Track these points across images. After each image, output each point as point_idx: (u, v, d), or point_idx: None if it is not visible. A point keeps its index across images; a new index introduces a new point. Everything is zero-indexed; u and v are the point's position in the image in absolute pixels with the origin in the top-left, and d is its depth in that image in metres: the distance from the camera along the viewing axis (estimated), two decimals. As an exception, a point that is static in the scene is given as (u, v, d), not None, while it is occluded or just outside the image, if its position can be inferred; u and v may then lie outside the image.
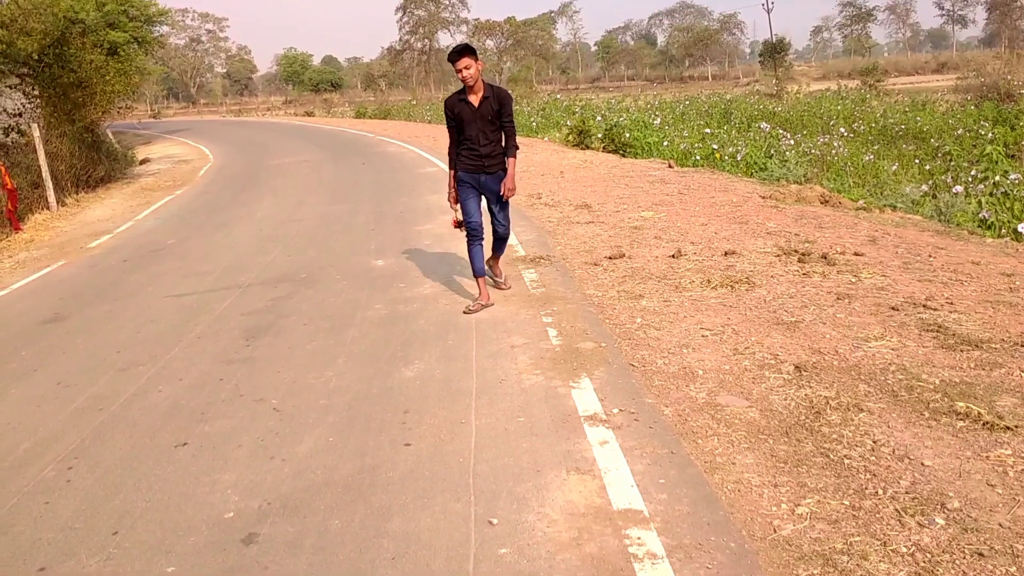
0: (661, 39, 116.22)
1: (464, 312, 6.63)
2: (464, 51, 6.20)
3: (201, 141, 33.58)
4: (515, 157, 6.53)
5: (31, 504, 4.09)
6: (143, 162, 26.04)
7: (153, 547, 3.59)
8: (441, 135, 25.03)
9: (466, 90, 6.32)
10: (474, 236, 6.61)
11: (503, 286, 7.21)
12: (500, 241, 7.04)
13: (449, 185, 6.70)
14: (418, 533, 3.50)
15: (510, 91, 10.13)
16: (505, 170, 6.51)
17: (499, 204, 6.66)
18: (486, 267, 6.95)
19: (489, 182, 6.54)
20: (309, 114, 57.64)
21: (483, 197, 6.66)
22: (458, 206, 6.64)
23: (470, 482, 3.86)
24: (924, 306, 5.91)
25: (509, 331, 6.09)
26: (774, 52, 64.74)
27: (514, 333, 6.04)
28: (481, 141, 6.40)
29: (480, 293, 6.79)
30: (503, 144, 6.54)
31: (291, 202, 14.29)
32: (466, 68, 6.15)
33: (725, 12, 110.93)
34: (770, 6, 61.01)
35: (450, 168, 6.67)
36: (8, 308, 8.61)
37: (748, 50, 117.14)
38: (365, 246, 9.79)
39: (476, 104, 6.31)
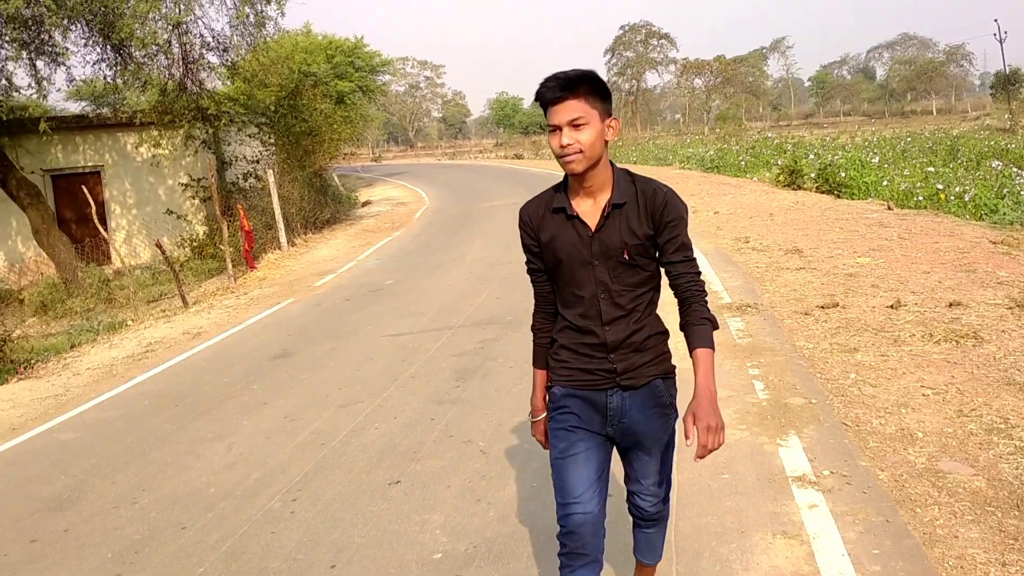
0: (880, 72, 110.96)
1: None
2: (573, 84, 2.53)
3: (417, 184, 35.28)
4: (711, 346, 2.65)
5: (259, 533, 4.42)
6: (364, 204, 27.69)
7: (367, 582, 3.79)
8: (663, 181, 25.01)
9: (568, 186, 2.72)
10: (573, 552, 2.69)
11: None
12: (649, 526, 3.04)
13: (533, 404, 2.97)
14: (619, 588, 3.50)
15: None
16: (668, 375, 2.83)
17: (655, 454, 2.87)
18: None
19: (632, 409, 2.75)
20: (518, 156, 59.17)
21: (604, 446, 2.83)
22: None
23: (672, 539, 3.83)
24: None
25: (714, 382, 5.98)
26: (1007, 84, 60.31)
27: (718, 384, 5.86)
28: (605, 311, 2.68)
29: None
30: (656, 311, 2.81)
31: (500, 245, 14.72)
32: (574, 125, 2.53)
33: (952, 43, 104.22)
34: (1003, 35, 57.11)
35: (535, 366, 2.95)
36: (243, 343, 9.37)
37: (978, 82, 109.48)
38: (570, 290, 9.93)
39: (593, 224, 2.66)
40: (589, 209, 2.67)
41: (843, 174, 18.48)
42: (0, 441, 6.83)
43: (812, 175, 19.60)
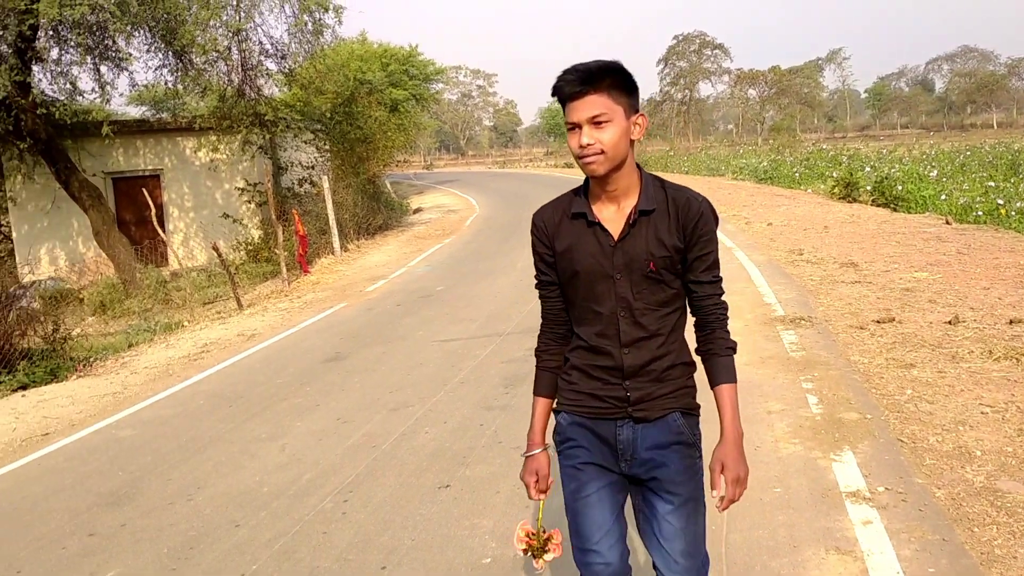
0: (939, 85, 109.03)
1: None
2: (594, 77, 2.23)
3: (468, 192, 35.46)
4: (736, 379, 2.42)
5: (311, 532, 4.48)
6: (416, 211, 27.92)
7: (417, 585, 3.82)
8: (715, 192, 24.84)
9: (589, 190, 2.41)
10: None
11: None
12: None
13: (528, 437, 2.54)
14: (668, 599, 3.48)
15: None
16: (691, 412, 2.45)
17: (679, 507, 2.41)
18: None
19: (644, 444, 2.41)
20: (568, 165, 59.12)
21: (619, 483, 2.50)
22: (542, 499, 2.56)
23: (722, 552, 3.80)
24: None
25: (765, 395, 5.94)
26: (1073, 96, 58.92)
27: (771, 398, 5.88)
28: (624, 332, 2.37)
29: None
30: (683, 337, 2.47)
31: (550, 253, 14.73)
32: (595, 123, 2.24)
33: (1014, 56, 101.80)
34: (1069, 47, 55.69)
35: (536, 393, 2.57)
36: (296, 345, 9.50)
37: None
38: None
39: (616, 232, 2.35)
40: (612, 216, 2.36)
41: (900, 187, 18.20)
42: (60, 436, 7.00)
43: (868, 188, 19.34)
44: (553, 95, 2.30)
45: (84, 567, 4.41)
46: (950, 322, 7.37)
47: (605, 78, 2.23)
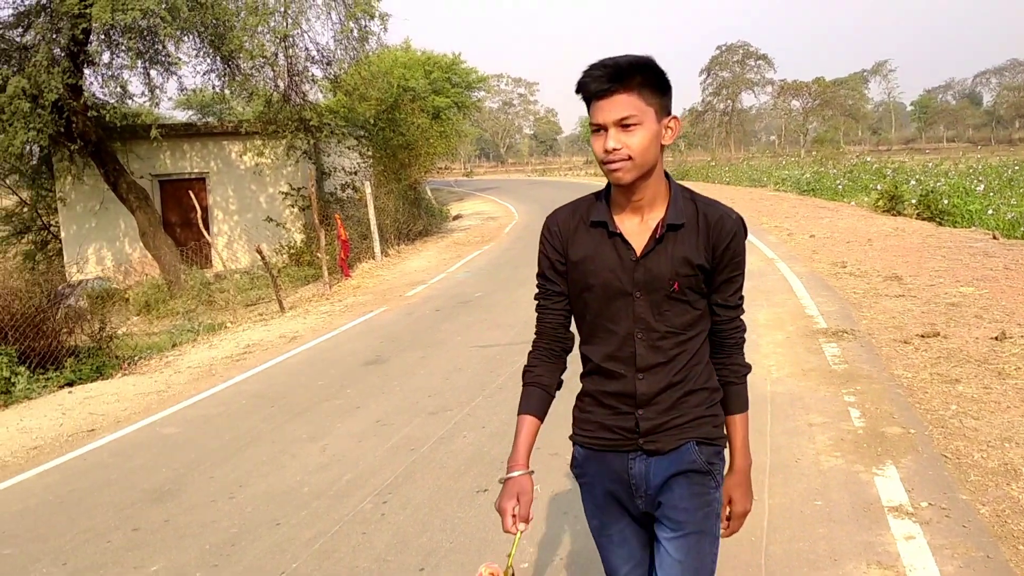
0: (987, 98, 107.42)
1: None
2: (624, 74, 1.99)
3: (507, 199, 35.57)
4: (747, 409, 2.28)
5: (351, 533, 4.53)
6: (456, 218, 28.07)
7: (455, 587, 3.85)
8: (757, 203, 24.62)
9: (611, 196, 2.21)
10: None
11: None
12: None
13: (512, 460, 2.32)
14: (706, 608, 3.47)
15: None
16: (711, 442, 2.20)
17: (680, 537, 2.18)
18: None
19: (656, 477, 2.19)
20: (609, 174, 58.98)
21: (644, 520, 2.31)
22: (521, 528, 2.28)
23: (762, 563, 3.79)
24: None
25: (807, 408, 5.89)
26: None
27: (812, 410, 5.83)
28: (641, 356, 2.14)
29: None
30: (707, 360, 2.23)
31: (590, 261, 14.73)
32: (623, 125, 2.01)
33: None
34: (1123, 61, 54.61)
35: (520, 411, 2.38)
36: (337, 348, 9.59)
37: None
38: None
39: (639, 247, 2.12)
40: (635, 228, 2.13)
41: (946, 201, 17.96)
42: (106, 432, 7.13)
43: (913, 201, 19.09)
44: (577, 92, 2.07)
45: (128, 560, 4.49)
46: (997, 338, 7.26)
47: (636, 75, 2.00)
